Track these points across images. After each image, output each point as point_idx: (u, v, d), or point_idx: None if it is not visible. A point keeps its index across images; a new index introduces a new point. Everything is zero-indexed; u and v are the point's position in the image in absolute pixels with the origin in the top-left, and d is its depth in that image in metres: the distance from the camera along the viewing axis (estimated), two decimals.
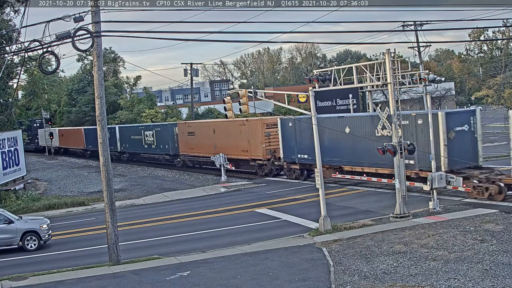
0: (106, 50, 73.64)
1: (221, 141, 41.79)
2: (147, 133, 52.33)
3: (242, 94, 24.09)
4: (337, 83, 26.54)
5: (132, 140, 55.82)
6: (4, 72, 30.78)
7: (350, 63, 75.46)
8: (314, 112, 22.37)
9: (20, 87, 58.11)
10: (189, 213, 28.73)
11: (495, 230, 19.49)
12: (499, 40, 76.70)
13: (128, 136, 56.75)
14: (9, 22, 35.82)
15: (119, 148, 58.28)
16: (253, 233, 22.91)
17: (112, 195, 19.41)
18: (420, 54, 49.08)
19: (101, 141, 19.35)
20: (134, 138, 55.07)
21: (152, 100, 70.84)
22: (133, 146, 55.87)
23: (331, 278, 15.57)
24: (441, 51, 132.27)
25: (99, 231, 24.23)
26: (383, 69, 24.39)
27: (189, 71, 60.25)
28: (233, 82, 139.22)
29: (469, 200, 25.19)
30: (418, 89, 54.07)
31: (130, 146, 56.62)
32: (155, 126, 52.66)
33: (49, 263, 20.62)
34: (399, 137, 22.91)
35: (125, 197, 35.27)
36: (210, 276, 16.72)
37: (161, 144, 50.25)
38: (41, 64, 18.84)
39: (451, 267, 15.71)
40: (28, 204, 32.83)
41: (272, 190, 33.47)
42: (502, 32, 72.83)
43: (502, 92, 64.05)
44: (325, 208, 21.84)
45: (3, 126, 35.96)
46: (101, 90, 19.18)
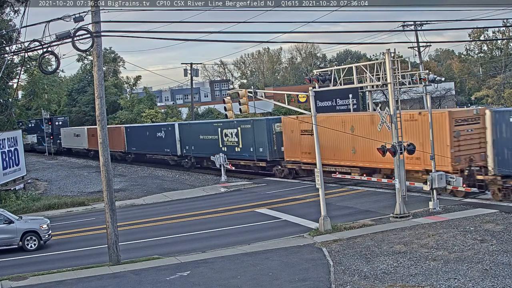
0: (106, 50, 73.72)
1: (362, 144, 30.07)
2: (227, 132, 41.71)
3: (242, 94, 24.09)
4: (337, 83, 26.56)
5: (201, 141, 44.63)
6: (4, 72, 30.76)
7: (350, 63, 75.48)
8: (314, 112, 22.36)
9: (20, 87, 58.01)
10: (189, 213, 28.73)
11: (495, 230, 19.50)
12: (499, 40, 76.70)
13: (194, 136, 45.57)
14: (9, 22, 35.81)
15: (180, 151, 47.52)
16: (253, 233, 22.91)
17: (112, 195, 19.41)
18: (420, 54, 49.17)
19: (101, 141, 19.35)
20: (205, 138, 44.20)
21: (152, 100, 70.87)
22: (202, 149, 44.50)
23: (331, 278, 15.57)
24: (441, 51, 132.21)
25: (99, 231, 24.23)
26: (383, 69, 24.41)
27: (189, 71, 60.24)
28: (233, 82, 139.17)
29: (469, 200, 25.20)
30: (418, 89, 54.10)
31: (198, 149, 45.32)
32: (242, 122, 40.56)
33: (49, 263, 20.61)
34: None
35: (125, 197, 35.27)
36: (210, 276, 16.72)
37: (251, 146, 39.28)
38: (41, 64, 18.84)
39: (451, 267, 15.72)
40: (28, 204, 32.82)
41: (272, 190, 33.46)
42: (502, 32, 72.85)
43: (502, 92, 64.10)
44: (325, 208, 21.84)
45: (3, 126, 35.96)
46: (101, 90, 19.18)
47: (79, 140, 64.66)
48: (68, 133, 69.38)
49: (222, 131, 42.09)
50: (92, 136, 58.55)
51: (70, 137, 68.03)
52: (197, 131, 45.28)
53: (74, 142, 66.61)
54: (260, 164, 38.79)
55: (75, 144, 66.32)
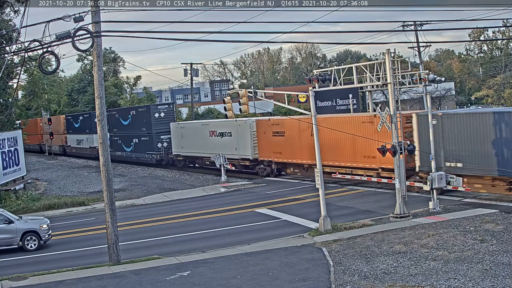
0: (106, 50, 73.69)
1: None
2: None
3: (242, 94, 24.09)
4: (337, 83, 26.55)
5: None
6: (4, 72, 30.77)
7: (350, 63, 75.46)
8: (314, 112, 22.36)
9: (20, 87, 58.02)
10: (189, 213, 28.73)
11: (495, 230, 19.50)
12: (499, 40, 76.73)
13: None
14: (9, 22, 35.80)
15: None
16: (253, 233, 22.91)
17: (112, 195, 19.41)
18: (420, 54, 49.11)
19: (101, 141, 19.36)
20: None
21: (152, 100, 70.89)
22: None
23: (331, 278, 15.58)
24: (441, 51, 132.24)
25: (99, 231, 24.23)
26: (383, 69, 24.41)
27: (189, 71, 60.24)
28: (233, 82, 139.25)
29: (469, 200, 25.21)
30: (418, 89, 53.89)
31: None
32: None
33: (49, 263, 20.62)
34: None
35: (125, 197, 35.28)
36: (210, 276, 16.73)
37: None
38: (41, 64, 18.84)
39: (451, 267, 15.72)
40: (28, 204, 32.82)
41: (272, 190, 33.46)
42: (502, 32, 72.88)
43: (502, 92, 64.14)
44: (325, 208, 21.84)
45: (3, 126, 35.97)
46: (101, 90, 19.19)
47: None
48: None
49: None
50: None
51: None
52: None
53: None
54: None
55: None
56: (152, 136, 48.87)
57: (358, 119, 31.14)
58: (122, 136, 54.81)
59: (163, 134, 48.47)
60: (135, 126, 51.71)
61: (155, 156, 48.85)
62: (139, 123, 50.73)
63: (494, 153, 24.28)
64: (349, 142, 30.51)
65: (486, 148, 24.47)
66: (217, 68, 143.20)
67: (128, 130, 53.32)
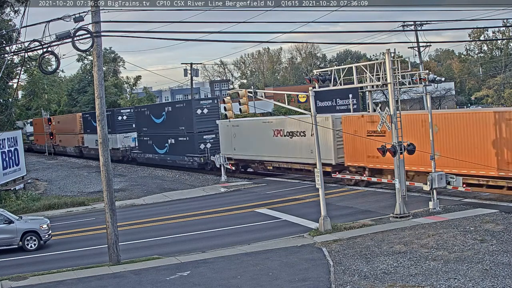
0: (106, 50, 73.80)
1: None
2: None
3: (242, 94, 24.09)
4: (337, 83, 26.53)
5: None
6: (4, 72, 30.78)
7: (350, 63, 75.43)
8: (314, 112, 22.37)
9: (20, 87, 58.15)
10: (189, 213, 28.73)
11: (495, 230, 19.49)
12: (499, 40, 76.68)
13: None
14: (9, 22, 35.84)
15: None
16: (253, 233, 22.91)
17: (112, 195, 19.41)
18: (420, 54, 49.15)
19: (101, 141, 19.36)
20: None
21: (152, 100, 71.05)
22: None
23: (331, 278, 15.58)
24: (441, 51, 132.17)
25: (99, 231, 24.23)
26: (383, 69, 24.40)
27: (189, 71, 60.22)
28: (233, 82, 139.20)
29: (469, 200, 25.20)
30: (418, 89, 54.00)
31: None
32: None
33: (49, 263, 20.62)
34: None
35: (125, 197, 35.28)
36: (210, 276, 16.73)
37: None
38: (41, 64, 18.84)
39: (451, 267, 15.72)
40: (28, 204, 32.83)
41: (272, 190, 33.47)
42: (502, 32, 72.83)
43: (502, 92, 64.07)
44: (325, 208, 21.84)
45: (3, 126, 35.99)
46: (101, 90, 19.19)
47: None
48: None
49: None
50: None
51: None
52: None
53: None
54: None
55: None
56: (194, 135, 43.03)
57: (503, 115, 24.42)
58: (153, 136, 49.00)
59: (206, 133, 42.84)
60: (171, 124, 46.05)
61: (198, 159, 42.86)
62: (177, 121, 45.22)
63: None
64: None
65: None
66: (217, 68, 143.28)
67: (162, 129, 47.38)
